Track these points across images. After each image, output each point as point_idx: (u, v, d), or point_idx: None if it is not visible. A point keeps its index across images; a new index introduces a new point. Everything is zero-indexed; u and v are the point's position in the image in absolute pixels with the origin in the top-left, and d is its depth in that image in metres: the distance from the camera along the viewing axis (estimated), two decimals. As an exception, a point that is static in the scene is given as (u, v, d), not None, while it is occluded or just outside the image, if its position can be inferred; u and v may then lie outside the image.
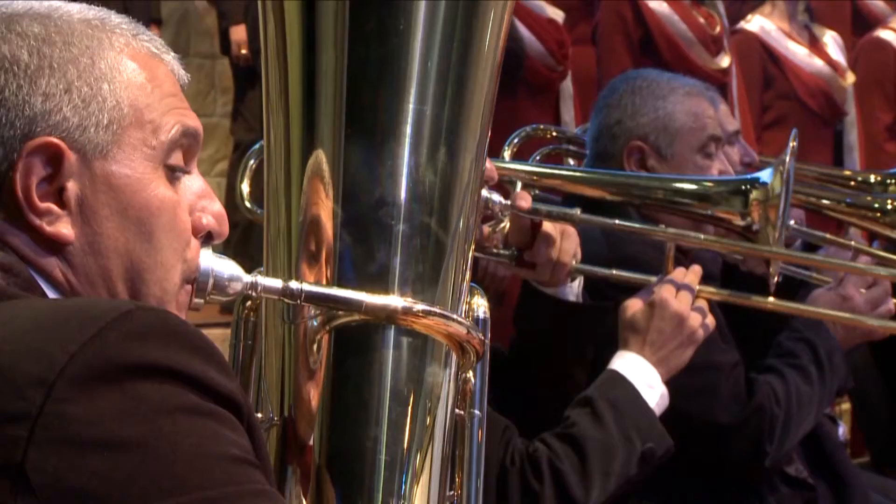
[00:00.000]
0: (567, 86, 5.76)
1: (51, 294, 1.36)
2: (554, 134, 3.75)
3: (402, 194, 1.55)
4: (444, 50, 1.57)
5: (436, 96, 1.57)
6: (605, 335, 2.68)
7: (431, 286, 1.56)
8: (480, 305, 1.73)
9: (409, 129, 1.55)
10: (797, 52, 6.42)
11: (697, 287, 2.69)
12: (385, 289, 1.52)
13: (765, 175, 2.78)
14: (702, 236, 2.73)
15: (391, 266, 1.54)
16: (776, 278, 2.81)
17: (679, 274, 2.69)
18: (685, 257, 3.02)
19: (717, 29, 6.01)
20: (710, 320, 2.69)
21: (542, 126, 3.71)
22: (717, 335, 2.98)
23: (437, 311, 1.53)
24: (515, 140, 3.50)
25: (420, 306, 1.52)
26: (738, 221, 2.78)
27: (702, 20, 6.01)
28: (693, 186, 2.83)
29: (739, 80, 6.07)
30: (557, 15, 5.74)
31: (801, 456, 3.23)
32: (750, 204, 2.76)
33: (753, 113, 6.26)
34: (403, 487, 1.52)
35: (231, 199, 4.48)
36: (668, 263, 2.71)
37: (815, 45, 6.50)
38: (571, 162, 3.88)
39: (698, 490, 2.99)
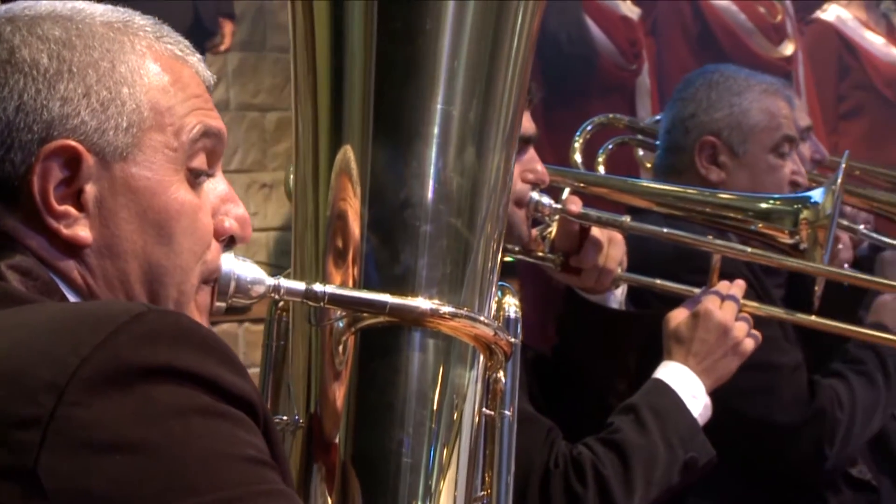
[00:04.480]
0: (643, 80, 5.73)
1: (70, 297, 1.36)
2: (626, 124, 3.72)
3: (428, 195, 1.54)
4: (471, 50, 1.56)
5: (463, 96, 1.55)
6: (647, 343, 2.65)
7: (457, 287, 1.55)
8: (511, 304, 1.71)
9: (436, 130, 1.54)
10: (874, 41, 6.32)
11: (742, 301, 2.64)
12: (410, 290, 1.52)
13: (816, 195, 2.74)
14: (749, 249, 2.69)
15: (416, 267, 1.53)
16: (819, 295, 2.77)
17: (724, 286, 2.65)
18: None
19: (779, 17, 5.95)
20: (756, 332, 2.65)
21: (613, 115, 3.69)
22: (780, 335, 2.94)
23: (464, 312, 1.52)
24: (588, 128, 3.48)
25: (446, 308, 1.51)
26: (786, 239, 2.74)
27: (762, 9, 5.95)
28: (742, 202, 2.79)
29: (807, 69, 5.99)
30: (632, 12, 5.69)
31: (867, 456, 3.17)
32: (799, 223, 2.72)
33: (828, 103, 6.18)
34: (428, 489, 1.52)
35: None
36: (713, 275, 2.66)
37: (892, 35, 6.40)
38: (641, 153, 3.87)
39: (758, 491, 2.95)
